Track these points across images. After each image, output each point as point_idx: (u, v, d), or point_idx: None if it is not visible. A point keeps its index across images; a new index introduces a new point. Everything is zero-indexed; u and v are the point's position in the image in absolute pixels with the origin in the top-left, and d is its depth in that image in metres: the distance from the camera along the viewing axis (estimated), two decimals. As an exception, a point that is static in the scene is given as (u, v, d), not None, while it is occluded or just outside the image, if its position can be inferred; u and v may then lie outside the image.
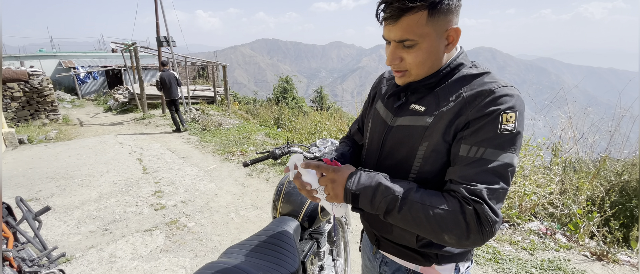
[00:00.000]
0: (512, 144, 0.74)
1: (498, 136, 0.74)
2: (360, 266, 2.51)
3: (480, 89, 0.78)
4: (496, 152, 0.74)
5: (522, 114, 0.76)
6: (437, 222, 0.74)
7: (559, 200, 3.07)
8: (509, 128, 0.74)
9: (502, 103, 0.74)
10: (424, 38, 0.78)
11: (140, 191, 4.11)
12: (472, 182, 0.74)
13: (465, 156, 0.76)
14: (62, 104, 13.50)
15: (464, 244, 0.74)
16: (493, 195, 0.73)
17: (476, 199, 0.72)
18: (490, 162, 0.74)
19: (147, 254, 2.72)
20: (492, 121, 0.74)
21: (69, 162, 5.41)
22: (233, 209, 3.59)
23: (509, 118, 0.74)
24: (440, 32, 0.78)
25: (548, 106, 4.22)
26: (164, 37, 9.64)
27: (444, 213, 0.73)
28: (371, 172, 0.84)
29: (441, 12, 0.75)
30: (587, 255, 2.52)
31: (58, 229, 3.15)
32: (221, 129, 7.98)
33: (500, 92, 0.76)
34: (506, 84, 0.78)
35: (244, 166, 1.46)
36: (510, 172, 0.75)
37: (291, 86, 24.36)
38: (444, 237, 0.75)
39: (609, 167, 3.31)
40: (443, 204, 0.74)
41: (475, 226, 0.71)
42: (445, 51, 0.82)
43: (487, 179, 0.73)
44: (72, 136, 7.90)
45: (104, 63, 18.78)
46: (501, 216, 0.74)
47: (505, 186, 0.74)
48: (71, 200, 3.82)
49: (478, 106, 0.76)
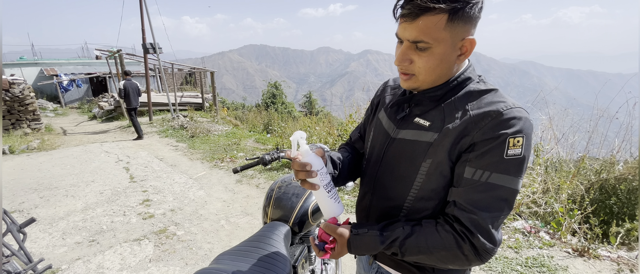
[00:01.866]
0: (518, 170, 0.73)
1: (504, 160, 0.72)
2: (351, 270, 2.54)
3: (487, 110, 0.75)
4: (502, 177, 0.72)
5: (530, 137, 0.73)
6: (440, 259, 0.78)
7: (542, 199, 3.17)
8: (515, 153, 0.71)
9: (510, 127, 0.72)
10: (439, 43, 0.74)
11: (128, 200, 4.05)
12: (475, 210, 0.73)
13: (470, 179, 0.75)
14: (44, 112, 13.16)
15: (467, 268, 0.81)
16: (494, 223, 0.73)
17: (473, 232, 0.73)
18: (496, 187, 0.73)
19: (136, 265, 2.68)
20: (498, 145, 0.72)
21: (52, 172, 5.28)
22: (223, 216, 3.57)
23: (516, 143, 0.71)
24: (456, 39, 0.75)
25: (530, 108, 4.35)
26: (150, 43, 9.54)
27: (443, 252, 0.76)
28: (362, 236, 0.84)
29: (461, 19, 0.72)
30: (569, 251, 2.61)
31: (43, 241, 3.08)
32: (210, 136, 7.93)
33: (509, 115, 0.73)
34: (515, 105, 0.75)
35: (233, 173, 1.47)
36: (514, 196, 0.74)
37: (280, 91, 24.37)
38: (448, 266, 0.81)
39: (588, 166, 3.44)
40: (439, 244, 0.77)
41: (474, 258, 0.74)
42: (456, 61, 0.79)
43: (491, 206, 0.73)
44: (56, 146, 7.71)
45: (88, 70, 18.41)
46: (499, 239, 0.75)
47: (507, 212, 0.74)
48: (56, 211, 3.74)
49: (485, 127, 0.74)
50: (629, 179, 2.95)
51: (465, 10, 0.71)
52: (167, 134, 8.49)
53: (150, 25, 9.67)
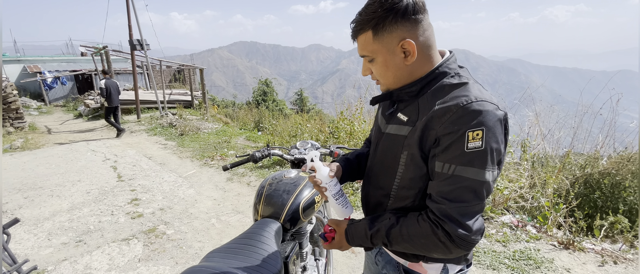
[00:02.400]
0: (483, 162, 0.76)
1: (466, 153, 0.75)
2: (342, 266, 2.55)
3: (450, 104, 0.79)
4: (466, 169, 0.76)
5: (492, 129, 0.75)
6: (422, 247, 0.84)
7: (528, 194, 3.23)
8: (476, 146, 0.75)
9: (469, 121, 0.75)
10: (376, 53, 0.86)
11: (116, 199, 3.98)
12: (445, 201, 0.78)
13: (440, 172, 0.80)
14: (28, 111, 12.82)
15: (451, 256, 0.83)
16: (464, 212, 0.77)
17: (444, 220, 0.77)
18: (462, 179, 0.77)
19: (124, 264, 2.64)
20: (458, 138, 0.76)
21: (37, 172, 5.15)
22: (214, 214, 3.54)
23: (476, 136, 0.75)
24: (390, 47, 0.83)
25: (517, 105, 4.43)
26: (137, 40, 9.35)
27: (423, 239, 0.82)
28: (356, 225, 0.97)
29: (386, 30, 0.81)
30: (555, 244, 2.67)
31: (28, 242, 3.01)
32: (199, 134, 7.84)
33: (469, 109, 0.76)
34: (478, 98, 0.78)
35: (223, 170, 1.46)
36: (485, 188, 0.77)
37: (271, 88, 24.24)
38: (432, 255, 0.87)
39: (573, 161, 3.52)
40: (418, 232, 0.82)
41: (451, 244, 0.78)
42: (406, 62, 0.85)
43: (458, 197, 0.77)
44: (40, 145, 7.52)
45: (73, 67, 17.98)
46: (476, 228, 0.78)
47: (478, 201, 0.78)
48: (41, 211, 3.65)
49: (446, 122, 0.78)
50: (612, 173, 3.03)
51: (385, 23, 0.81)
52: (156, 132, 8.36)
53: (137, 22, 9.49)
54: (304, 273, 1.68)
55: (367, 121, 4.92)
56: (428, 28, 0.84)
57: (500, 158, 0.80)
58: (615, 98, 3.51)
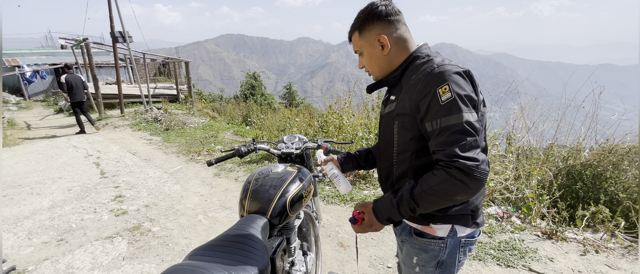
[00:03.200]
0: (457, 107, 0.92)
1: (442, 106, 0.93)
2: (331, 260, 2.55)
3: (420, 76, 1.00)
4: (448, 118, 0.92)
5: (456, 81, 0.94)
6: (444, 194, 0.93)
7: (513, 185, 3.29)
8: (447, 97, 0.93)
9: (436, 82, 0.95)
10: (363, 48, 1.13)
11: (99, 196, 3.88)
12: (445, 148, 0.92)
13: (432, 131, 0.96)
14: (6, 106, 12.37)
15: (472, 193, 0.93)
16: (465, 148, 0.90)
17: (453, 159, 0.90)
18: (449, 127, 0.92)
19: (108, 263, 2.58)
20: (432, 97, 0.95)
21: (16, 169, 4.98)
22: (201, 210, 3.49)
23: (444, 90, 0.93)
24: (371, 42, 1.10)
25: (503, 98, 4.49)
26: (119, 32, 9.08)
27: (443, 184, 0.92)
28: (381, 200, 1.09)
29: (366, 30, 1.10)
30: (538, 235, 2.73)
31: (7, 241, 2.90)
32: (185, 129, 7.71)
33: (434, 73, 0.96)
34: (439, 64, 0.98)
35: (208, 165, 1.43)
36: (470, 125, 0.91)
37: (259, 82, 24.00)
38: (457, 199, 0.95)
39: (556, 153, 3.59)
40: (437, 181, 0.93)
41: (466, 178, 0.89)
42: (384, 52, 1.09)
43: (454, 140, 0.91)
44: (19, 141, 7.26)
45: (53, 61, 17.36)
46: (482, 158, 0.90)
47: (471, 137, 0.91)
48: (20, 210, 3.53)
49: (420, 89, 0.98)
50: (594, 165, 3.10)
51: (365, 26, 1.09)
52: (140, 127, 8.18)
53: (119, 13, 9.21)
54: (292, 268, 1.66)
55: (356, 115, 4.91)
56: (401, 26, 1.09)
57: (474, 103, 0.96)
58: (598, 91, 3.58)
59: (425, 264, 1.15)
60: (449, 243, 1.10)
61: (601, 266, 2.33)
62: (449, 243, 1.10)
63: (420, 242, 1.14)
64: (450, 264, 1.13)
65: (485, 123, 1.06)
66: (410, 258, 1.19)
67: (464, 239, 1.11)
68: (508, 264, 2.37)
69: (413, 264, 1.19)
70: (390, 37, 1.08)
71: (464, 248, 1.13)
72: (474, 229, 1.11)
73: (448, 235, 1.09)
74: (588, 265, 2.34)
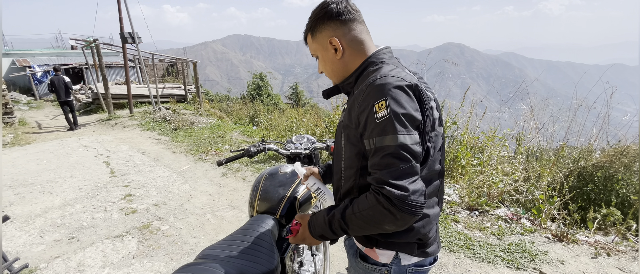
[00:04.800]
0: (392, 127, 0.83)
1: (377, 124, 0.84)
2: (339, 260, 2.55)
3: (362, 86, 0.92)
4: (383, 138, 0.83)
5: (395, 97, 0.84)
6: (372, 219, 0.86)
7: (523, 187, 3.25)
8: (383, 115, 0.83)
9: (373, 96, 0.86)
10: (317, 51, 1.05)
11: (109, 195, 3.93)
12: (376, 171, 0.85)
13: (369, 149, 0.88)
14: (17, 106, 12.61)
15: (401, 225, 0.85)
16: (394, 175, 0.82)
17: (381, 186, 0.83)
18: (382, 148, 0.84)
19: (118, 261, 2.61)
20: (369, 113, 0.86)
21: (27, 168, 5.07)
22: (209, 210, 3.51)
23: (381, 106, 0.84)
24: (323, 44, 1.01)
25: (512, 98, 4.45)
26: (128, 33, 9.19)
27: (371, 210, 0.85)
28: (317, 214, 1.03)
29: (317, 31, 1.01)
30: (549, 237, 2.70)
31: (19, 239, 2.96)
32: (193, 129, 7.77)
33: (374, 85, 0.87)
34: (383, 75, 0.88)
35: (218, 165, 1.44)
36: (405, 149, 0.82)
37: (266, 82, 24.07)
38: (385, 227, 0.87)
39: (567, 155, 3.54)
40: (366, 205, 0.87)
41: (393, 208, 0.81)
42: (337, 55, 1.00)
43: (385, 163, 0.83)
44: (30, 140, 7.40)
45: (63, 61, 17.64)
46: (413, 189, 0.81)
47: (405, 162, 0.82)
48: (32, 208, 3.59)
49: (359, 101, 0.90)
50: (606, 166, 3.06)
51: (316, 27, 1.01)
52: (149, 127, 8.27)
53: (129, 14, 9.31)
54: (300, 268, 1.67)
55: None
56: (356, 27, 0.99)
57: (416, 123, 0.86)
58: (609, 92, 3.53)
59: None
60: (392, 270, 1.01)
61: (613, 269, 2.29)
62: (393, 271, 1.01)
63: (363, 267, 1.06)
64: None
65: (440, 144, 0.97)
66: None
67: (411, 267, 1.02)
68: (518, 267, 2.35)
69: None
70: (343, 39, 0.98)
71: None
72: (420, 257, 1.01)
73: (392, 262, 1.01)
74: (599, 268, 2.31)
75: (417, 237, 0.97)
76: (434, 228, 1.01)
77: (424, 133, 0.89)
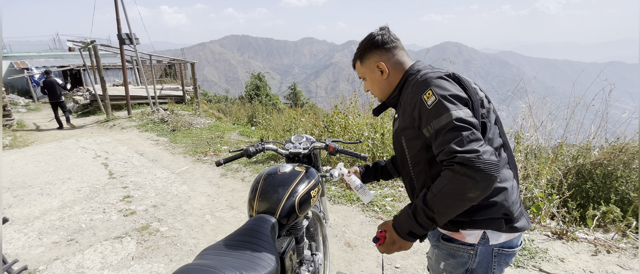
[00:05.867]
0: (444, 107, 0.94)
1: (430, 111, 0.96)
2: (339, 260, 2.54)
3: (409, 89, 1.08)
4: (438, 120, 0.94)
5: (438, 84, 0.98)
6: (454, 193, 0.90)
7: (522, 185, 3.25)
8: (432, 101, 0.96)
9: (419, 91, 1.01)
10: (365, 74, 1.24)
11: (107, 197, 3.92)
12: (443, 148, 0.93)
13: (430, 136, 0.98)
14: (15, 108, 12.57)
15: (484, 188, 0.87)
16: (461, 144, 0.89)
17: (453, 156, 0.89)
18: (441, 128, 0.93)
19: (118, 263, 2.60)
20: (420, 105, 1.00)
21: (26, 170, 5.05)
22: (208, 210, 3.51)
23: (428, 95, 0.98)
24: (372, 68, 1.20)
25: (510, 97, 4.45)
26: (126, 34, 9.17)
27: (451, 184, 0.90)
28: (398, 214, 1.07)
29: (366, 58, 1.21)
30: (548, 235, 2.70)
31: (18, 241, 2.95)
32: (192, 129, 7.76)
33: (417, 83, 1.04)
34: (423, 74, 1.05)
35: (216, 166, 1.44)
36: (461, 121, 0.91)
37: (264, 82, 24.08)
38: (469, 197, 0.89)
39: (565, 152, 3.55)
40: (444, 181, 0.92)
41: (470, 171, 0.86)
42: (383, 77, 1.18)
43: (448, 139, 0.91)
44: (29, 142, 7.37)
45: (61, 63, 17.61)
46: (483, 150, 0.88)
47: (465, 132, 0.90)
48: (31, 210, 3.58)
49: (409, 101, 1.06)
50: (604, 164, 3.06)
51: (365, 55, 1.20)
52: (147, 128, 8.25)
53: (126, 15, 9.29)
54: (300, 268, 1.67)
55: (362, 115, 4.90)
56: (398, 52, 1.17)
57: (464, 101, 0.96)
58: (608, 89, 3.53)
59: (452, 271, 1.11)
60: (479, 250, 1.04)
61: (613, 266, 2.29)
62: (480, 251, 1.04)
63: (448, 247, 1.10)
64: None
65: (494, 118, 1.07)
66: (438, 263, 1.16)
67: (498, 247, 1.04)
68: (518, 265, 2.35)
69: (440, 270, 1.15)
70: (388, 63, 1.17)
71: (499, 258, 1.06)
72: (510, 235, 1.04)
73: (478, 242, 1.04)
74: (599, 265, 2.31)
75: (502, 212, 1.00)
76: (517, 201, 1.05)
77: (474, 109, 0.98)
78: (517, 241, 1.08)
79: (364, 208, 3.35)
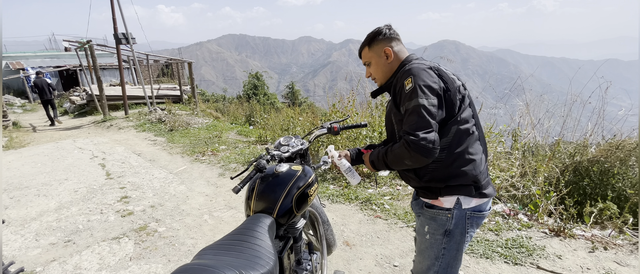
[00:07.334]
0: (416, 93, 1.17)
1: (407, 94, 1.20)
2: (337, 258, 2.54)
3: (398, 76, 1.31)
4: (410, 102, 1.19)
5: (418, 74, 1.21)
6: (398, 157, 1.24)
7: (520, 182, 3.27)
8: (409, 87, 1.20)
9: (403, 76, 1.25)
10: (371, 58, 1.44)
11: (105, 197, 3.90)
12: (404, 126, 1.20)
13: (403, 113, 1.23)
14: (11, 108, 12.49)
15: (415, 161, 1.18)
16: (412, 127, 1.15)
17: (404, 134, 1.18)
18: (409, 109, 1.19)
19: (115, 263, 2.59)
20: (402, 89, 1.24)
21: (22, 171, 5.02)
22: (206, 210, 3.50)
23: (408, 82, 1.21)
24: (379, 53, 1.41)
25: (507, 94, 4.45)
26: (122, 34, 9.13)
27: (398, 149, 1.22)
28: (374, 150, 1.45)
29: (375, 44, 1.42)
30: (546, 232, 2.71)
31: (14, 243, 2.93)
32: (189, 129, 7.74)
33: (404, 70, 1.28)
34: (410, 64, 1.29)
35: (235, 193, 1.34)
36: (423, 108, 1.15)
37: (262, 82, 24.04)
38: (405, 163, 1.23)
39: (562, 150, 3.56)
40: (397, 146, 1.24)
41: (409, 149, 1.15)
42: (387, 61, 1.40)
43: (409, 120, 1.18)
44: (25, 143, 7.33)
45: (57, 63, 17.51)
46: (423, 136, 1.12)
47: (422, 119, 1.14)
48: (27, 212, 3.56)
49: (395, 84, 1.31)
50: (601, 161, 3.07)
51: (374, 41, 1.41)
52: (145, 128, 8.22)
53: (122, 15, 9.24)
54: (298, 266, 1.66)
55: (360, 113, 4.90)
56: (398, 43, 1.41)
57: (435, 91, 1.18)
58: (604, 87, 3.54)
59: (434, 232, 1.34)
60: (455, 214, 1.28)
61: (610, 263, 2.31)
62: (455, 214, 1.28)
63: (430, 213, 1.35)
64: (457, 234, 1.31)
65: (468, 101, 1.28)
66: (423, 227, 1.40)
67: (470, 211, 1.28)
68: (516, 262, 2.35)
69: (424, 232, 1.39)
70: (392, 49, 1.39)
71: (471, 220, 1.30)
72: (480, 200, 1.28)
73: (454, 207, 1.28)
74: (597, 262, 2.32)
75: (471, 179, 1.25)
76: (485, 172, 1.30)
77: (450, 93, 1.22)
78: (486, 206, 1.32)
79: (363, 207, 3.36)
